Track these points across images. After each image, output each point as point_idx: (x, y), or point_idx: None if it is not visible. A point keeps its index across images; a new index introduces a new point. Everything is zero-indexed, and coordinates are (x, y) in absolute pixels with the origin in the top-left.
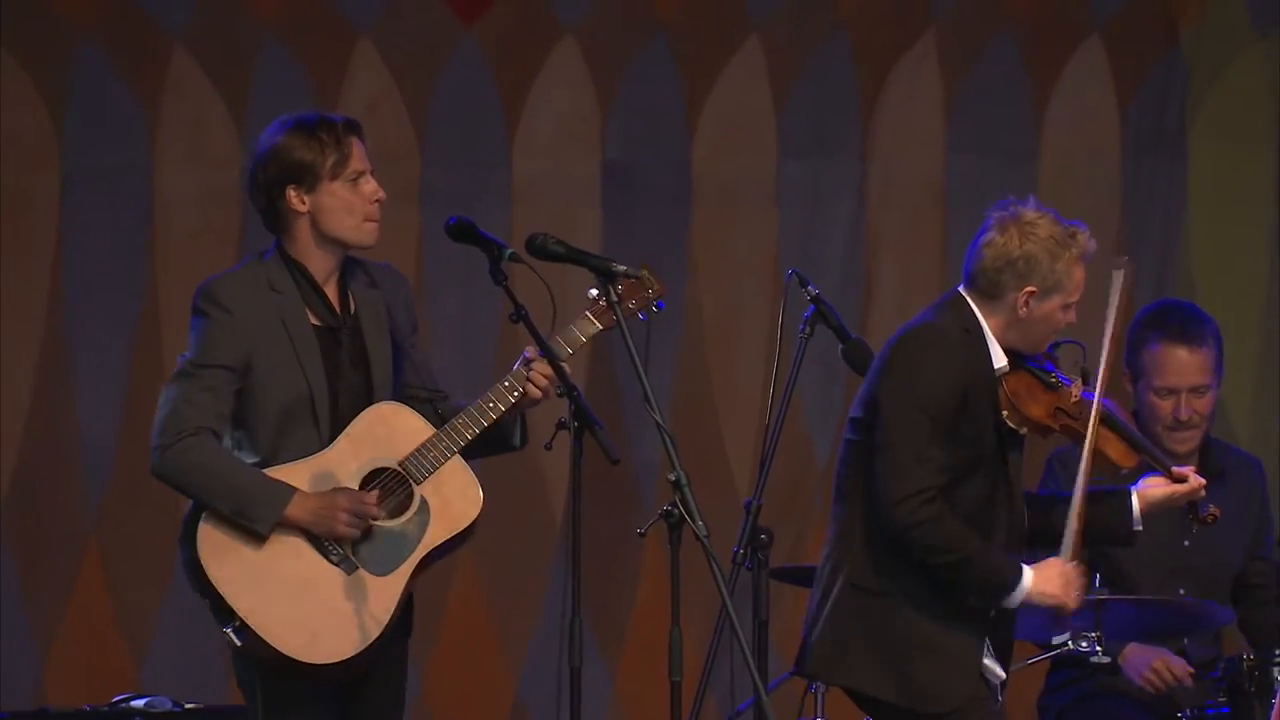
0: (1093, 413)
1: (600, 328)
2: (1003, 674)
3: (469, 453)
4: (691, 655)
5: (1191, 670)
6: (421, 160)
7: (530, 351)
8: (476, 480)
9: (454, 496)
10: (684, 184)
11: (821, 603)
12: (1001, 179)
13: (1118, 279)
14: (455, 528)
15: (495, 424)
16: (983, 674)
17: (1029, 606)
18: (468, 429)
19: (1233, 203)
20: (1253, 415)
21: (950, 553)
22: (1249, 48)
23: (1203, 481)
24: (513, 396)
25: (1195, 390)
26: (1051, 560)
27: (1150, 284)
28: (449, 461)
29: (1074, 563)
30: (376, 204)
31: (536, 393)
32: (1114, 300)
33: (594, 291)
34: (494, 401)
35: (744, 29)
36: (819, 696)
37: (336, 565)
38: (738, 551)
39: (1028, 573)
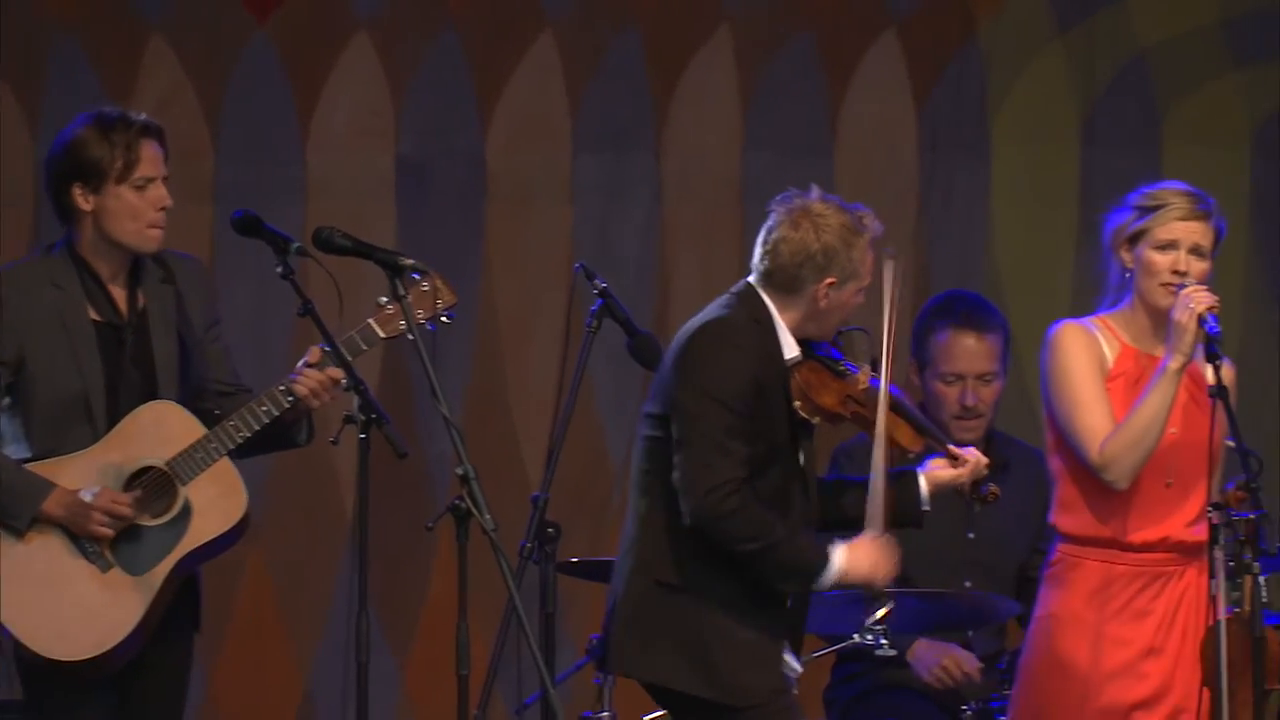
0: (881, 398)
1: (384, 336)
2: (799, 668)
3: (255, 448)
4: (482, 649)
5: (981, 666)
6: (215, 156)
7: (312, 353)
8: (243, 483)
9: (219, 499)
10: (478, 180)
11: (624, 599)
12: (798, 175)
13: (889, 270)
14: (218, 530)
15: (269, 427)
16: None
17: (840, 587)
18: (238, 431)
19: (1037, 200)
20: None
21: (756, 540)
22: (1050, 43)
23: (985, 461)
24: (286, 401)
25: (982, 378)
26: (860, 540)
27: (952, 281)
28: (217, 463)
29: (884, 537)
30: (162, 212)
31: (304, 392)
32: (889, 292)
33: (383, 299)
34: (267, 405)
35: (537, 24)
36: (606, 690)
37: (92, 563)
38: (525, 545)
39: (838, 554)
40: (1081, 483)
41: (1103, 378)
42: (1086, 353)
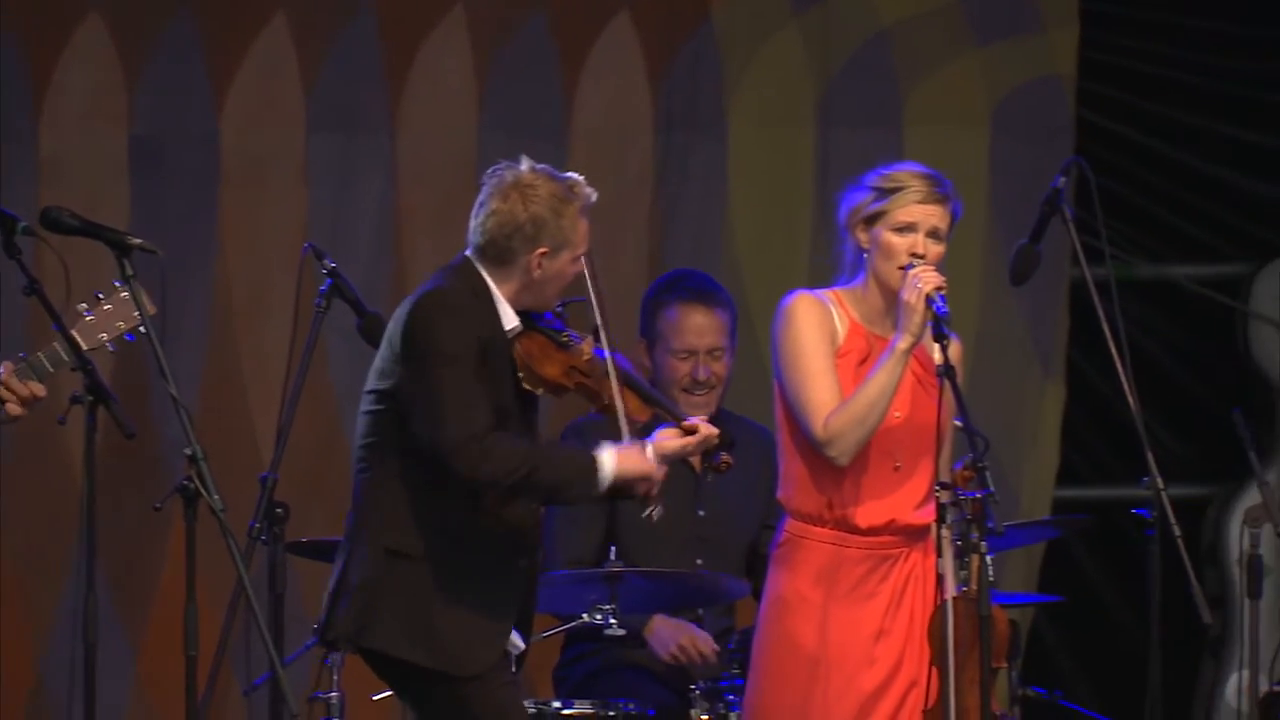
0: (609, 367)
1: (86, 347)
2: (522, 645)
3: None
4: (213, 631)
5: (717, 649)
6: None
7: (5, 368)
8: None
9: None
10: (212, 161)
11: (349, 568)
12: (534, 156)
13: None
14: None
15: None
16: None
17: (621, 485)
18: None
19: (774, 180)
20: None
21: (520, 468)
22: (784, 26)
23: (715, 430)
24: None
25: (712, 352)
26: (623, 445)
27: (689, 262)
28: None
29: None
30: None
31: (11, 395)
32: (587, 264)
33: (82, 306)
34: None
35: (271, 5)
36: (335, 671)
37: None
38: (254, 526)
39: (608, 454)
40: (808, 459)
41: (833, 351)
42: (818, 325)
